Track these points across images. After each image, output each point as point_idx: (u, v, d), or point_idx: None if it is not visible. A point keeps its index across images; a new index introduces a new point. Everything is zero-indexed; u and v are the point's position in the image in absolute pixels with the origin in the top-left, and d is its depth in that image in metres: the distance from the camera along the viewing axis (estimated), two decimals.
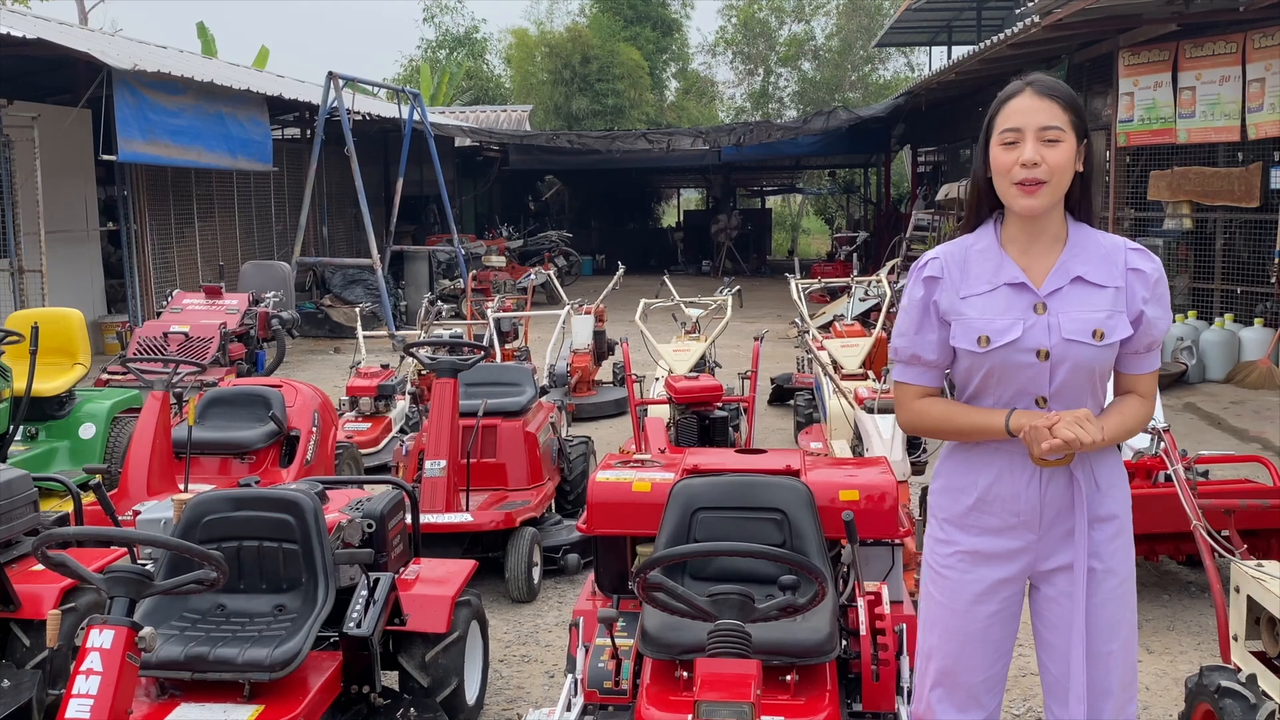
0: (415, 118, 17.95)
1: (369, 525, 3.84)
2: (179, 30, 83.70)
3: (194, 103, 13.62)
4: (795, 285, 9.97)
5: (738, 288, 10.42)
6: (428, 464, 5.50)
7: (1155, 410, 5.37)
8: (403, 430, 8.09)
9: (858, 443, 6.56)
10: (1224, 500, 4.24)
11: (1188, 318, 10.96)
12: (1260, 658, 3.56)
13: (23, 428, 6.40)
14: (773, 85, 36.44)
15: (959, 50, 19.37)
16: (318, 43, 77.61)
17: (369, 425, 7.85)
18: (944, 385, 2.68)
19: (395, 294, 16.82)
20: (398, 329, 13.15)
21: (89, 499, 4.46)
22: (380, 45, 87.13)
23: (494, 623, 4.98)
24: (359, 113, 17.36)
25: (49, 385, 6.65)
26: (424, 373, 8.17)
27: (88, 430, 6.82)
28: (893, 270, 12.23)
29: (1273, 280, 10.55)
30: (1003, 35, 12.69)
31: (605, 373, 10.64)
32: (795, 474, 3.68)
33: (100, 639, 2.78)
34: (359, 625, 3.50)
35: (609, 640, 3.30)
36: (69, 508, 4.39)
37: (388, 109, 19.52)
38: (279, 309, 11.03)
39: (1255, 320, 10.67)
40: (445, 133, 21.74)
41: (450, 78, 32.20)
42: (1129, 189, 12.18)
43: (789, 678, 3.04)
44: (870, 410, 6.21)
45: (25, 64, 12.65)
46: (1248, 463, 5.84)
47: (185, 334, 9.72)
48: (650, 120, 30.56)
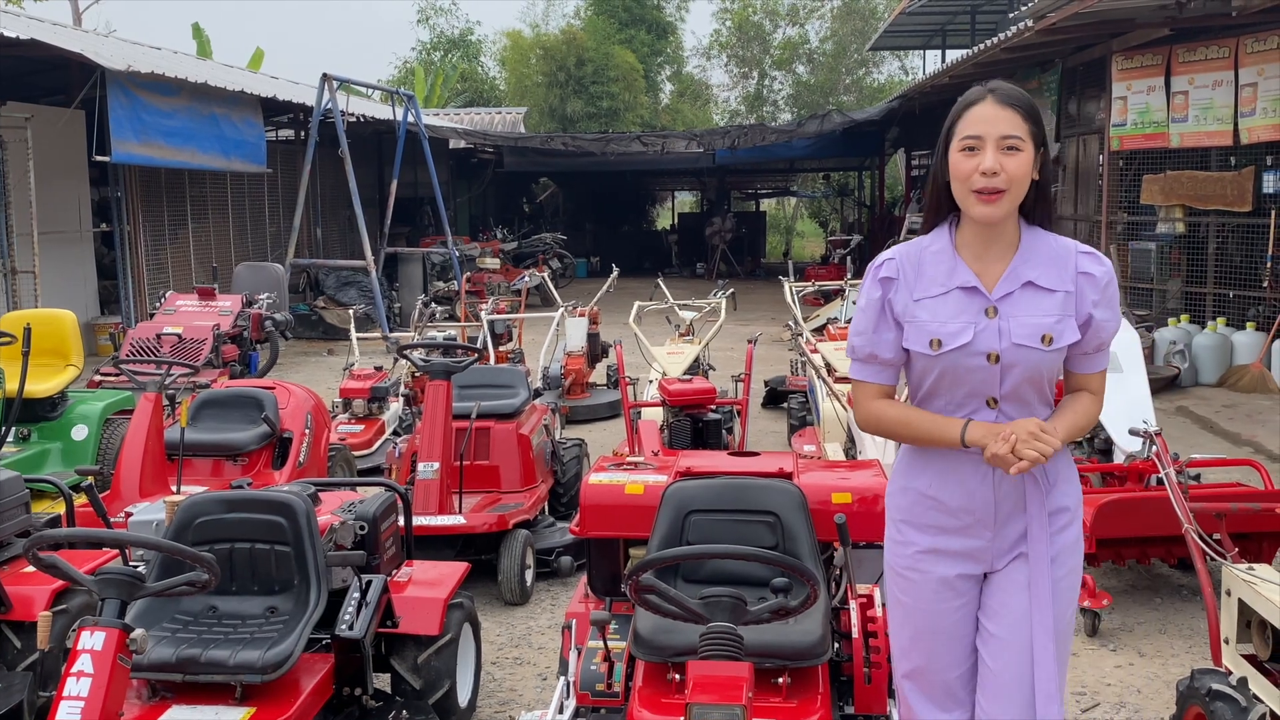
0: (409, 120, 17.95)
1: (361, 527, 3.83)
2: (174, 31, 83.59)
3: (188, 104, 13.59)
4: (789, 288, 9.99)
5: (731, 290, 10.43)
6: (421, 466, 5.50)
7: (1148, 412, 5.32)
8: (396, 432, 8.07)
9: (851, 446, 6.57)
10: (1215, 504, 4.25)
11: (1180, 322, 10.97)
12: (1251, 661, 3.58)
13: (15, 429, 6.39)
14: (767, 88, 36.52)
15: (953, 54, 19.44)
16: (313, 44, 77.50)
17: (362, 427, 7.84)
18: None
19: (389, 296, 16.80)
20: (391, 331, 13.12)
21: (81, 500, 4.44)
22: (375, 47, 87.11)
23: (487, 625, 4.97)
24: (353, 114, 17.35)
25: (41, 387, 6.65)
26: (417, 375, 8.16)
27: (80, 432, 6.81)
28: None
29: (1265, 284, 10.58)
30: (997, 39, 12.73)
31: (599, 375, 10.65)
32: (788, 477, 3.69)
33: (91, 641, 2.78)
34: (351, 627, 3.50)
35: (601, 643, 3.29)
36: (61, 509, 4.39)
37: (382, 111, 19.49)
38: (272, 311, 10.99)
39: (1247, 324, 10.68)
40: (440, 135, 21.71)
41: (445, 80, 32.22)
42: (1122, 193, 12.21)
43: (781, 680, 3.04)
44: None
45: (19, 65, 12.63)
46: (1239, 466, 5.87)
47: (178, 335, 9.68)
48: (645, 123, 30.57)
